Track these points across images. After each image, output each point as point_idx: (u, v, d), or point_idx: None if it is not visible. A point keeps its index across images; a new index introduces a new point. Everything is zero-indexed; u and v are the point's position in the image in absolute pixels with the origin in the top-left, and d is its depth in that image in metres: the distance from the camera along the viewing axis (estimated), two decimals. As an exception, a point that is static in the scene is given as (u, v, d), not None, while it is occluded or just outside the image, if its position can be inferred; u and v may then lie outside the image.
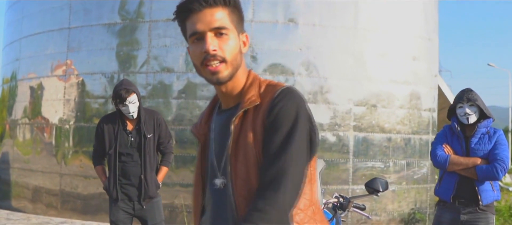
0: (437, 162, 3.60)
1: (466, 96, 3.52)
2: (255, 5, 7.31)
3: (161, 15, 7.54)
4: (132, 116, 3.84)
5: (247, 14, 7.32)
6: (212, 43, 1.44)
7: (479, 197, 3.45)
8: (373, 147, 7.63)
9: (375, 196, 3.83)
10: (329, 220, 3.16)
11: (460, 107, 3.54)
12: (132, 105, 3.80)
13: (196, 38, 1.47)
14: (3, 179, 9.21)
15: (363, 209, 3.56)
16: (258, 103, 1.47)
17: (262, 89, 1.50)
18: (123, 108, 3.81)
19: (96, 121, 7.72)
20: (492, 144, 3.50)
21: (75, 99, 8.04)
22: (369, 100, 7.64)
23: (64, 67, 8.21)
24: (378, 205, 7.58)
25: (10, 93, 9.55)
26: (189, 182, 7.06)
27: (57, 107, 8.22)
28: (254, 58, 7.27)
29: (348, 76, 7.55)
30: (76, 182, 7.89)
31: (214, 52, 1.44)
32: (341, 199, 3.44)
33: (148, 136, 3.86)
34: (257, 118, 1.45)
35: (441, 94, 14.14)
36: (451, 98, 15.26)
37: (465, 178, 3.52)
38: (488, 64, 39.33)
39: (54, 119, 8.29)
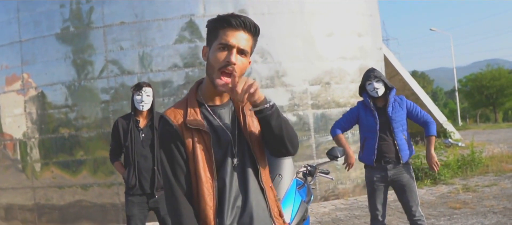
0: (332, 137, 4.50)
1: (372, 74, 4.25)
2: (206, 0, 7.59)
3: (114, 19, 7.65)
4: (142, 107, 4.18)
5: (199, 10, 7.59)
6: (235, 57, 1.81)
7: (400, 155, 4.19)
8: (331, 121, 8.07)
9: (338, 167, 4.40)
10: (301, 186, 3.67)
11: (369, 84, 4.26)
12: (146, 96, 4.17)
13: (223, 47, 1.82)
14: (-30, 201, 9.09)
15: (327, 173, 4.24)
16: None
17: None
18: (136, 97, 4.17)
19: (62, 130, 7.89)
20: (404, 109, 4.25)
21: (37, 112, 8.05)
22: (323, 78, 8.11)
23: (20, 82, 8.16)
24: (342, 175, 8.12)
25: (-34, 114, 9.37)
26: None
27: (19, 122, 8.21)
28: (210, 51, 7.54)
29: (301, 58, 7.98)
30: (50, 193, 7.95)
31: (234, 66, 1.80)
32: (309, 168, 4.09)
33: None
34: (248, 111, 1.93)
35: (388, 64, 14.93)
36: (398, 66, 16.11)
37: (384, 142, 4.21)
38: (430, 29, 41.23)
39: (17, 134, 8.27)
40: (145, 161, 4.19)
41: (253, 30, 1.86)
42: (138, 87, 4.19)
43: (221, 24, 1.83)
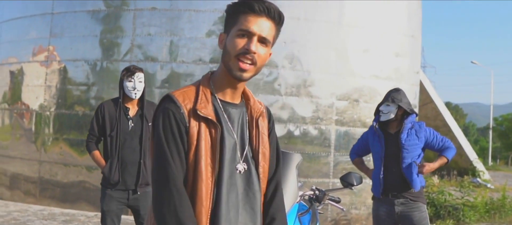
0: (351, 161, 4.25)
1: (391, 95, 3.79)
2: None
3: (146, 4, 7.49)
4: (135, 95, 3.77)
5: (233, 6, 7.31)
6: (255, 45, 1.63)
7: (411, 185, 3.70)
8: (354, 141, 7.64)
9: (354, 191, 3.98)
10: (304, 212, 3.25)
11: (383, 105, 3.81)
12: (139, 83, 3.76)
13: (243, 34, 1.64)
14: (-19, 165, 9.07)
15: (338, 201, 3.71)
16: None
17: (254, 100, 1.82)
18: (128, 83, 3.75)
19: (78, 108, 7.74)
20: (421, 138, 3.76)
21: (56, 86, 7.94)
22: (352, 95, 7.72)
23: (46, 53, 8.10)
24: (358, 199, 7.68)
25: (-11, 78, 9.39)
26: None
27: (37, 93, 8.12)
28: (238, 49, 7.27)
29: (331, 70, 7.61)
30: (55, 169, 7.82)
31: (253, 54, 1.62)
32: (317, 192, 3.55)
33: (150, 123, 3.75)
34: (263, 122, 1.80)
35: (423, 90, 14.35)
36: (433, 94, 15.49)
37: (390, 171, 3.75)
38: (472, 62, 39.95)
39: (34, 105, 8.19)
40: (132, 154, 3.78)
41: (277, 18, 1.69)
42: (130, 72, 3.75)
43: (242, 9, 1.65)
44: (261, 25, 1.64)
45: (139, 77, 3.78)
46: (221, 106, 1.70)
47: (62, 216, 7.02)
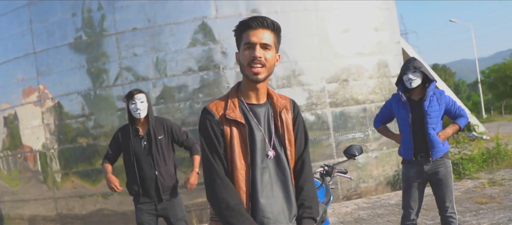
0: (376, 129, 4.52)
1: (411, 64, 4.04)
2: (218, 1, 7.48)
3: (126, 26, 7.59)
4: (139, 114, 4.09)
5: (211, 12, 7.48)
6: (259, 52, 2.02)
7: (430, 153, 4.02)
8: (350, 119, 7.95)
9: (358, 164, 4.21)
10: (318, 187, 3.55)
11: (405, 75, 4.05)
12: (140, 103, 4.09)
13: (248, 46, 2.04)
14: (-5, 215, 9.15)
15: (345, 173, 4.05)
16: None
17: (277, 97, 2.19)
18: (131, 106, 4.10)
19: (80, 140, 7.87)
20: (441, 105, 4.05)
21: (54, 123, 8.06)
22: (340, 76, 7.93)
23: (37, 93, 8.19)
24: (364, 173, 7.92)
25: (-14, 128, 9.45)
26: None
27: (37, 134, 8.23)
28: (224, 53, 7.44)
29: (317, 56, 7.82)
30: (72, 203, 7.95)
31: (260, 59, 2.02)
32: (326, 167, 3.91)
33: (159, 137, 4.14)
34: (287, 114, 2.17)
35: (407, 57, 14.61)
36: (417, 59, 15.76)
37: (417, 135, 4.04)
38: (450, 20, 40.35)
39: (37, 146, 8.30)
40: (149, 169, 4.11)
41: (272, 27, 2.06)
42: (130, 96, 4.12)
43: (243, 28, 2.06)
44: (259, 35, 2.03)
45: (139, 97, 4.11)
46: (248, 108, 2.11)
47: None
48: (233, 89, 2.18)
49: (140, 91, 4.16)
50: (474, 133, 15.01)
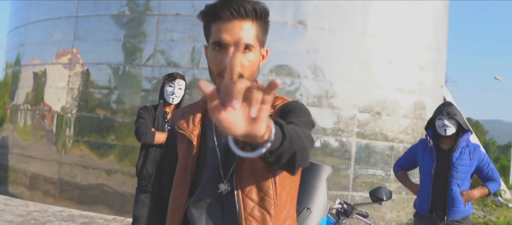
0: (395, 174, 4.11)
1: (445, 110, 3.60)
2: (266, 4, 7.26)
3: (170, 10, 7.50)
4: (173, 99, 3.84)
5: (256, 14, 7.28)
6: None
7: (447, 211, 3.55)
8: (375, 154, 7.60)
9: (375, 205, 3.86)
10: None
11: (439, 119, 3.62)
12: (178, 89, 3.84)
13: (218, 46, 1.38)
14: (1, 164, 9.18)
15: (365, 216, 3.55)
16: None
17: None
18: (168, 88, 3.83)
19: (99, 111, 7.77)
20: (474, 161, 3.58)
21: (79, 88, 8.00)
22: (374, 107, 7.61)
23: (69, 56, 8.17)
24: (377, 214, 7.55)
25: (13, 78, 9.52)
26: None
27: (60, 95, 8.19)
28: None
29: (354, 81, 7.52)
30: (75, 171, 7.86)
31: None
32: (345, 206, 3.43)
33: None
34: None
35: (444, 106, 14.14)
36: (453, 110, 15.24)
37: (438, 191, 3.59)
38: (495, 78, 39.23)
39: (56, 107, 8.26)
40: None
41: (254, 14, 1.37)
42: (171, 78, 3.84)
43: (210, 17, 1.39)
44: (235, 31, 1.35)
45: (179, 83, 3.86)
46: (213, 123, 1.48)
47: (81, 218, 7.03)
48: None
49: (183, 77, 3.92)
50: (499, 198, 14.35)
